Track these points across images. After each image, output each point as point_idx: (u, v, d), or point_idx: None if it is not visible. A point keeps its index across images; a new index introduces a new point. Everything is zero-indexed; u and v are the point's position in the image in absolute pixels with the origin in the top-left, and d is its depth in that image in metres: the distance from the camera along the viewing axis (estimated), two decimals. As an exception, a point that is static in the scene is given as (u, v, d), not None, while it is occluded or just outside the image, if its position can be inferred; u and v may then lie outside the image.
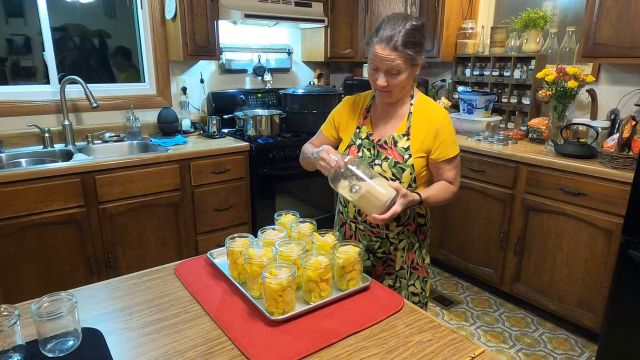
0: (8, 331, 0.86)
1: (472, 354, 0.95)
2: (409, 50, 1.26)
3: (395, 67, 1.27)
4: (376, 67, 1.30)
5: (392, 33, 1.25)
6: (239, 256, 1.19)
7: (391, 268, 1.49)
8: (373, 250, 1.48)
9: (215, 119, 2.95)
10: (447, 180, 1.41)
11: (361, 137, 1.43)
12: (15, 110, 2.53)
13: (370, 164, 1.38)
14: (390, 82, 1.30)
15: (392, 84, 1.30)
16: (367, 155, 1.40)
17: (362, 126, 1.45)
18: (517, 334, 2.47)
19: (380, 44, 1.26)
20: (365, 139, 1.42)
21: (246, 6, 2.79)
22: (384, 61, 1.27)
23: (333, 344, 0.97)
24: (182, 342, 0.97)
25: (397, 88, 1.32)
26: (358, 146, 1.43)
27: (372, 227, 1.45)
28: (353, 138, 1.45)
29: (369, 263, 1.50)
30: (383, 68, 1.28)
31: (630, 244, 1.85)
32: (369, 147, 1.41)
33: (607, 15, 2.28)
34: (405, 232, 1.46)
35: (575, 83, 2.43)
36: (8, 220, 2.06)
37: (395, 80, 1.29)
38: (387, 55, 1.25)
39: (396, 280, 1.50)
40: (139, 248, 2.47)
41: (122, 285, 1.21)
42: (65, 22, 2.73)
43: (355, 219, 1.48)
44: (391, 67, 1.27)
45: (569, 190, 2.28)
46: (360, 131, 1.44)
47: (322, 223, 1.42)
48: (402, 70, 1.28)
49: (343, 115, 1.51)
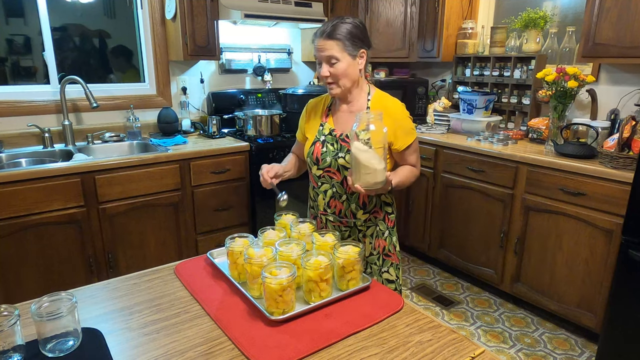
0: (8, 331, 0.86)
1: (472, 354, 0.95)
2: (342, 38, 1.38)
3: (332, 55, 1.38)
4: (319, 62, 1.43)
5: (324, 27, 1.41)
6: (239, 256, 1.19)
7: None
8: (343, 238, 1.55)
9: (215, 119, 2.95)
10: (411, 164, 1.53)
11: (324, 134, 1.52)
12: (15, 110, 2.53)
13: (335, 157, 1.47)
14: (331, 72, 1.40)
15: (334, 73, 1.40)
16: (330, 150, 1.48)
17: (324, 124, 1.54)
18: (517, 334, 2.47)
19: (317, 39, 1.41)
20: (329, 135, 1.51)
21: (246, 6, 2.79)
22: (320, 51, 1.40)
23: (333, 344, 0.97)
24: (182, 342, 0.97)
25: (339, 77, 1.41)
26: (322, 142, 1.51)
27: (340, 218, 1.54)
28: (317, 135, 1.53)
29: None
30: (322, 58, 1.40)
31: (630, 244, 1.84)
32: (332, 142, 1.49)
33: (607, 15, 2.28)
34: (373, 219, 1.54)
35: (575, 83, 2.43)
36: (8, 220, 2.06)
37: (336, 70, 1.40)
38: (322, 45, 1.39)
39: (367, 266, 1.59)
40: (139, 248, 2.47)
41: (122, 285, 1.21)
42: (65, 22, 2.73)
43: (325, 212, 1.57)
44: (328, 56, 1.39)
45: (569, 190, 2.28)
46: (324, 128, 1.53)
47: (322, 223, 1.42)
48: (339, 58, 1.39)
49: (307, 117, 1.62)
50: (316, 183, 1.57)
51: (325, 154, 1.49)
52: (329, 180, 1.52)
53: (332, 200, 1.53)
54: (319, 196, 1.57)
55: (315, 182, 1.57)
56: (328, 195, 1.54)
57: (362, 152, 1.26)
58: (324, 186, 1.54)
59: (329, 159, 1.48)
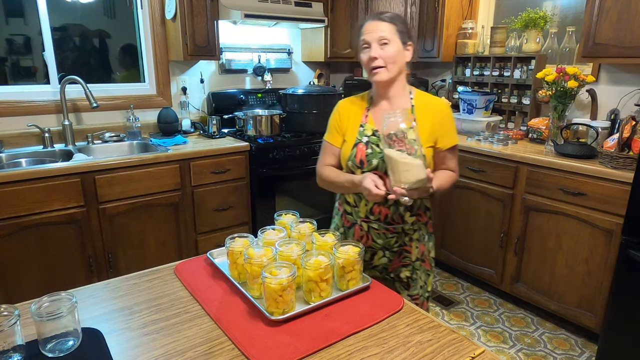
0: (8, 331, 0.86)
1: (472, 354, 0.95)
2: (395, 22, 1.34)
3: (384, 36, 1.32)
4: (367, 44, 1.35)
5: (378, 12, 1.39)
6: (239, 256, 1.19)
7: (407, 259, 1.49)
8: (389, 247, 1.47)
9: (215, 119, 2.95)
10: (450, 169, 1.45)
11: (367, 135, 1.42)
12: (15, 110, 2.53)
13: (382, 158, 1.35)
14: (382, 55, 1.33)
15: (383, 55, 1.33)
16: (377, 151, 1.38)
17: (365, 124, 1.44)
18: (517, 334, 2.47)
19: (368, 21, 1.36)
20: (372, 136, 1.41)
21: (246, 6, 2.79)
22: (373, 33, 1.33)
23: (333, 344, 0.97)
24: (182, 342, 0.97)
25: (389, 61, 1.34)
26: (366, 143, 1.41)
27: (387, 224, 1.44)
28: (358, 136, 1.43)
29: (385, 260, 1.50)
30: (373, 39, 1.33)
31: (630, 244, 1.84)
32: (377, 143, 1.40)
33: (607, 15, 2.28)
34: (417, 222, 1.47)
35: (575, 83, 2.43)
36: (8, 220, 2.06)
37: (386, 52, 1.33)
38: (375, 26, 1.33)
39: (413, 272, 1.50)
40: (139, 248, 2.47)
41: (122, 285, 1.21)
42: (65, 22, 2.73)
43: (368, 218, 1.46)
44: (380, 37, 1.32)
45: (569, 190, 2.28)
46: (365, 129, 1.43)
47: (322, 223, 1.42)
48: (391, 39, 1.33)
49: (344, 118, 1.48)
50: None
51: (371, 156, 1.38)
52: None
53: (376, 205, 1.42)
54: (362, 201, 1.45)
55: None
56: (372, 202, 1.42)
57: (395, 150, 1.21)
58: None
59: (376, 160, 1.37)
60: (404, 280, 1.51)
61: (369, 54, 1.34)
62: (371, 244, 1.48)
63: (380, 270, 1.52)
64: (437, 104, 1.44)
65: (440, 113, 1.41)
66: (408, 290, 1.53)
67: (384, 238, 1.45)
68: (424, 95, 1.46)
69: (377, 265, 1.51)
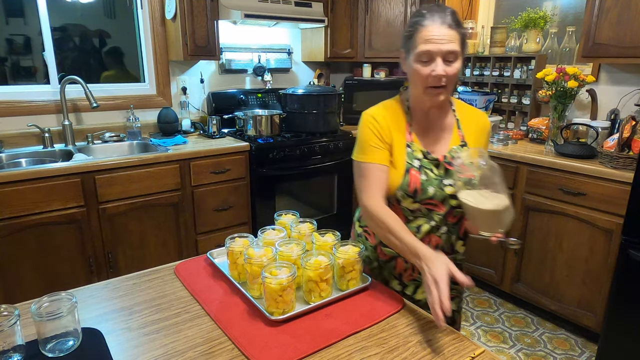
0: (8, 331, 0.86)
1: (472, 354, 0.95)
2: (462, 30, 1.13)
3: (453, 50, 1.09)
4: (429, 56, 1.10)
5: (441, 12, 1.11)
6: (239, 256, 1.19)
7: (455, 292, 1.32)
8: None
9: (215, 119, 2.95)
10: None
11: (417, 157, 1.21)
12: (15, 110, 2.53)
13: (440, 186, 1.19)
14: (447, 71, 1.11)
15: (450, 73, 1.11)
16: (432, 177, 1.19)
17: (412, 144, 1.22)
18: (517, 334, 2.47)
19: (433, 24, 1.09)
20: (424, 159, 1.21)
21: (246, 6, 2.79)
22: (440, 44, 1.08)
23: (333, 344, 0.97)
24: (182, 342, 0.97)
25: (452, 80, 1.14)
26: (419, 169, 1.20)
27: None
28: (408, 160, 1.20)
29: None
30: (439, 53, 1.09)
31: (630, 244, 1.84)
32: (430, 167, 1.20)
33: (607, 15, 2.28)
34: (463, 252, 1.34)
35: (575, 83, 2.44)
36: (8, 220, 2.06)
37: (452, 69, 1.11)
38: (444, 35, 1.09)
39: (460, 302, 1.37)
40: (139, 248, 2.47)
41: (122, 285, 1.21)
42: (65, 22, 2.73)
43: None
44: (449, 51, 1.09)
45: (569, 190, 2.28)
46: (413, 150, 1.21)
47: (322, 223, 1.42)
48: (458, 55, 1.11)
49: (385, 130, 1.22)
50: (405, 218, 1.23)
51: (426, 184, 1.18)
52: (426, 213, 1.22)
53: (426, 236, 1.24)
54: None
55: (404, 217, 1.23)
56: (423, 232, 1.23)
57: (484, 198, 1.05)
58: (418, 221, 1.23)
59: (432, 189, 1.18)
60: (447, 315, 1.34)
61: (435, 70, 1.10)
62: (416, 277, 1.30)
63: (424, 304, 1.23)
64: (480, 118, 1.30)
65: (483, 129, 1.28)
66: (453, 324, 1.33)
67: None
68: (465, 107, 1.31)
69: (421, 300, 1.30)
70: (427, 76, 1.12)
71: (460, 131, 1.26)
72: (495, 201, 1.06)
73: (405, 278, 1.32)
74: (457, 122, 1.26)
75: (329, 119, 3.09)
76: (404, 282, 1.32)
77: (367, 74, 3.69)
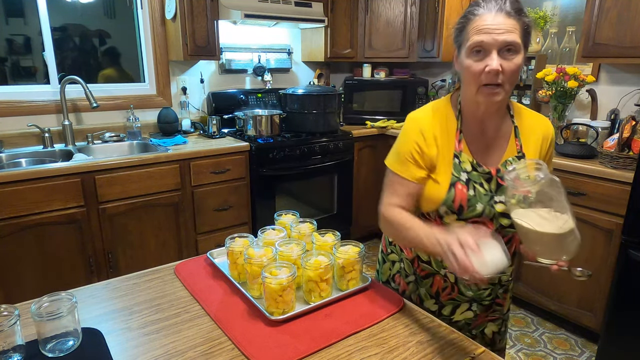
0: (8, 331, 0.86)
1: (472, 354, 0.95)
2: (525, 19, 0.97)
3: (513, 41, 0.94)
4: (481, 47, 0.96)
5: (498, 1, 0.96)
6: (239, 256, 1.19)
7: (497, 313, 1.23)
8: (479, 299, 1.19)
9: (215, 119, 2.95)
10: None
11: (466, 170, 1.07)
12: (15, 110, 2.53)
13: (490, 203, 1.05)
14: (505, 67, 0.95)
15: (508, 69, 0.95)
16: (481, 192, 1.06)
17: (461, 154, 1.08)
18: (517, 334, 2.46)
19: (489, 13, 0.95)
20: (474, 172, 1.07)
21: (246, 6, 2.79)
22: (495, 33, 0.93)
23: (333, 344, 0.97)
24: (182, 342, 0.97)
25: (512, 78, 0.97)
26: (466, 182, 1.06)
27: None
28: (455, 173, 1.07)
29: (470, 314, 1.20)
30: (495, 45, 0.94)
31: (630, 244, 1.84)
32: (480, 181, 1.07)
33: (607, 15, 2.28)
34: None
35: (575, 83, 2.44)
36: (8, 220, 2.06)
37: (511, 64, 0.95)
38: (500, 23, 0.94)
39: (502, 325, 1.26)
40: (139, 248, 2.47)
41: (122, 285, 1.21)
42: (65, 22, 2.73)
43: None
44: (507, 41, 0.94)
45: (569, 190, 2.28)
46: (462, 161, 1.07)
47: (322, 223, 1.42)
48: (518, 47, 0.96)
49: (431, 144, 1.08)
50: None
51: (474, 200, 1.05)
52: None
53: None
54: None
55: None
56: None
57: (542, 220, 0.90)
58: None
59: (481, 205, 1.05)
60: (487, 335, 1.24)
61: (489, 65, 0.95)
62: (456, 296, 1.19)
63: (462, 326, 1.21)
64: (544, 124, 1.13)
65: (545, 138, 1.12)
66: (492, 346, 1.24)
67: (476, 290, 1.17)
68: (525, 112, 1.14)
69: (459, 321, 1.21)
70: (481, 72, 0.96)
71: (519, 140, 1.10)
72: (557, 223, 0.89)
73: (443, 297, 1.20)
74: (515, 129, 1.10)
75: (329, 119, 3.09)
76: (442, 301, 1.21)
77: (367, 74, 3.69)
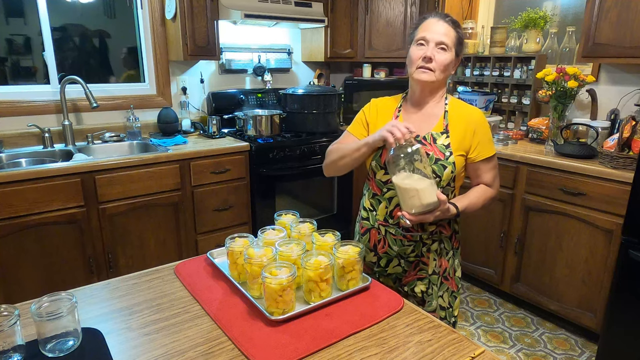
0: (8, 331, 0.86)
1: (472, 354, 0.95)
2: (459, 33, 1.33)
3: (445, 42, 1.30)
4: (424, 41, 1.31)
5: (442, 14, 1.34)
6: (239, 256, 1.19)
7: (423, 272, 1.44)
8: (405, 255, 1.42)
9: (215, 119, 2.95)
10: (486, 183, 1.40)
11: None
12: (15, 110, 2.53)
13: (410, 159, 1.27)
14: (436, 58, 1.30)
15: (438, 59, 1.30)
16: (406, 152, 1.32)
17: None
18: (517, 334, 2.47)
19: (434, 18, 1.33)
20: None
21: (246, 6, 2.79)
22: (435, 34, 1.30)
23: (333, 344, 0.97)
24: (182, 342, 0.97)
25: (439, 67, 1.31)
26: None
27: (405, 231, 1.38)
28: None
29: (399, 269, 1.45)
30: (433, 40, 1.30)
31: (630, 244, 1.84)
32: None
33: (607, 15, 2.28)
34: (438, 233, 1.40)
35: (575, 83, 2.44)
36: (8, 220, 2.06)
37: (441, 57, 1.30)
38: (440, 28, 1.31)
39: (429, 286, 1.44)
40: (139, 248, 2.47)
41: (122, 285, 1.21)
42: (65, 22, 2.73)
43: (386, 222, 1.41)
44: (440, 41, 1.30)
45: (569, 190, 2.28)
46: None
47: (322, 223, 1.42)
48: (448, 47, 1.31)
49: (372, 112, 1.45)
50: (380, 190, 1.40)
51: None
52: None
53: (397, 208, 1.35)
54: (381, 204, 1.40)
55: (378, 189, 1.40)
56: (393, 203, 1.37)
57: (401, 179, 1.21)
58: (389, 193, 1.38)
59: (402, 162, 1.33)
60: (418, 295, 1.45)
61: (424, 52, 1.30)
62: (387, 249, 1.43)
63: (394, 279, 1.48)
64: (471, 112, 1.39)
65: (473, 122, 1.36)
66: (423, 306, 1.45)
67: (400, 245, 1.40)
68: (460, 103, 1.41)
69: (392, 274, 1.47)
70: (419, 57, 1.31)
71: (446, 120, 1.37)
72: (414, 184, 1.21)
73: (380, 250, 1.44)
74: (446, 113, 1.38)
75: (329, 119, 3.09)
76: (379, 254, 1.45)
77: (367, 74, 3.69)
